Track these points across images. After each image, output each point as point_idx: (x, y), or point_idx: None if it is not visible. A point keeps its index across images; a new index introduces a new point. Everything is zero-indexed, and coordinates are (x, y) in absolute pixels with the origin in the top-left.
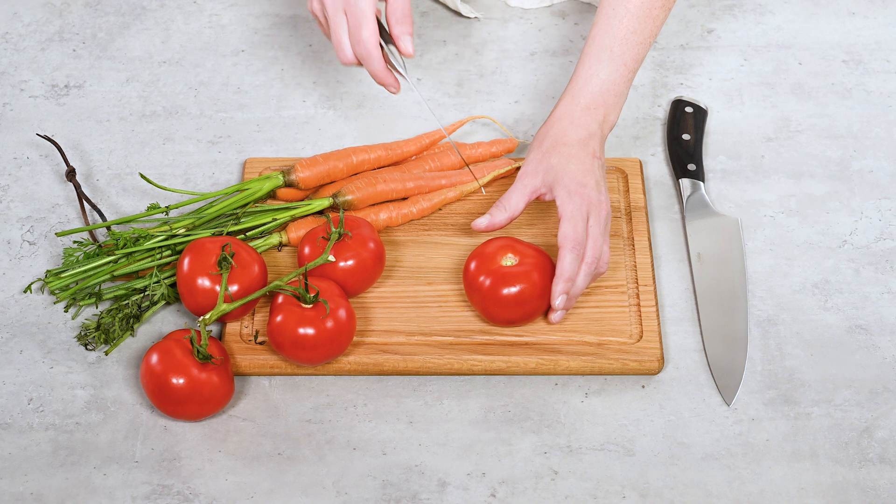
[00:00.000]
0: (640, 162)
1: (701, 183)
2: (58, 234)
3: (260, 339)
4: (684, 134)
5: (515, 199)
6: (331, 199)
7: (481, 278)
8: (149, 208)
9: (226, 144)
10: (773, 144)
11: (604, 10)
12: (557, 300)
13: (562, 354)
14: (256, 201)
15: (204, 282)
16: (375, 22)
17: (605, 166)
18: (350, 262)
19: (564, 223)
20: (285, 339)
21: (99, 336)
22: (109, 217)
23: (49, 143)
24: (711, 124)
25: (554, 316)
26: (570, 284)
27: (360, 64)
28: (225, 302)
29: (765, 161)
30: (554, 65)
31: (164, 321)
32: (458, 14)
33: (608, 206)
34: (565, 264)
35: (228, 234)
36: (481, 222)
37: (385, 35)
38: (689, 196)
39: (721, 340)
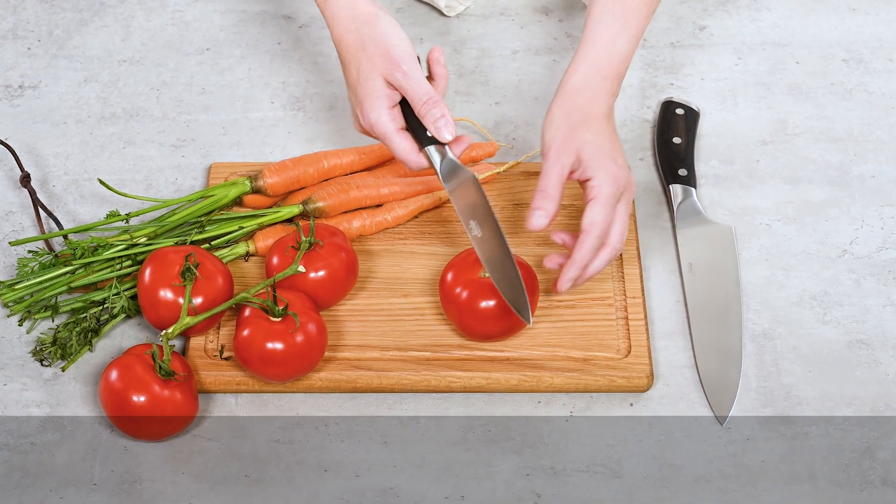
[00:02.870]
0: (629, 167)
1: (692, 189)
2: (11, 244)
3: (226, 354)
4: (675, 137)
5: (555, 182)
6: (301, 207)
7: (458, 290)
8: (108, 216)
9: (189, 148)
10: (769, 148)
11: None
12: (565, 286)
13: (545, 370)
14: (222, 208)
15: (166, 294)
16: (399, 138)
17: None
18: (321, 273)
19: (597, 207)
20: (252, 355)
21: (55, 351)
22: (66, 225)
23: (2, 146)
24: (704, 127)
25: (562, 287)
26: (582, 272)
27: (425, 167)
28: (188, 315)
29: (760, 166)
30: (537, 64)
31: (124, 335)
32: (439, 12)
33: (635, 186)
34: (583, 251)
35: (192, 243)
36: (540, 221)
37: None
38: (679, 203)
39: (714, 356)
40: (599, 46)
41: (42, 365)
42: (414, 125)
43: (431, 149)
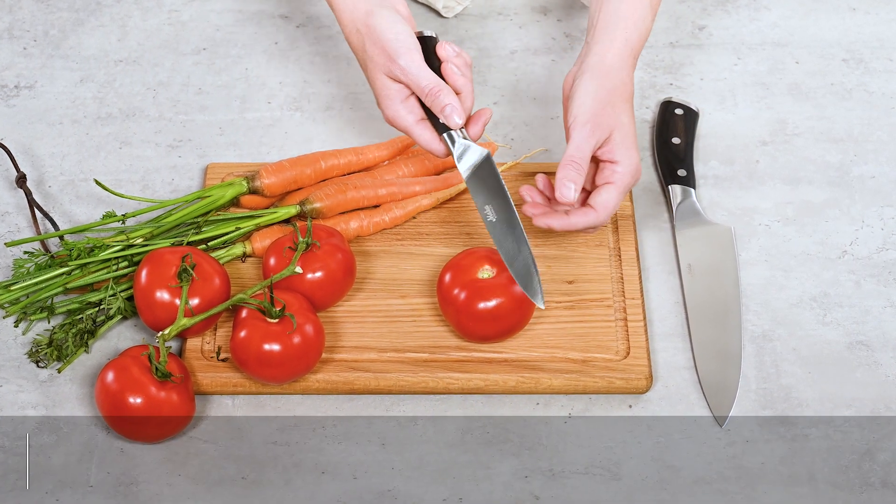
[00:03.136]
0: None
1: (692, 189)
2: (7, 245)
3: (222, 355)
4: (674, 137)
5: (588, 155)
6: (298, 207)
7: (456, 291)
8: (104, 217)
9: (186, 149)
10: (769, 149)
11: None
12: (540, 225)
13: (544, 372)
14: (219, 209)
15: (163, 295)
16: (420, 129)
17: None
18: (318, 274)
19: (614, 192)
20: (249, 356)
21: (51, 352)
22: (62, 226)
23: None
24: (703, 127)
25: (537, 223)
26: (563, 229)
27: (447, 154)
28: (185, 316)
29: (760, 166)
30: (535, 64)
31: (120, 337)
32: (437, 12)
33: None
34: (582, 222)
35: (189, 243)
36: (571, 193)
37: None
38: (679, 203)
39: (713, 357)
40: (631, 23)
41: (38, 366)
42: (430, 113)
43: (448, 134)
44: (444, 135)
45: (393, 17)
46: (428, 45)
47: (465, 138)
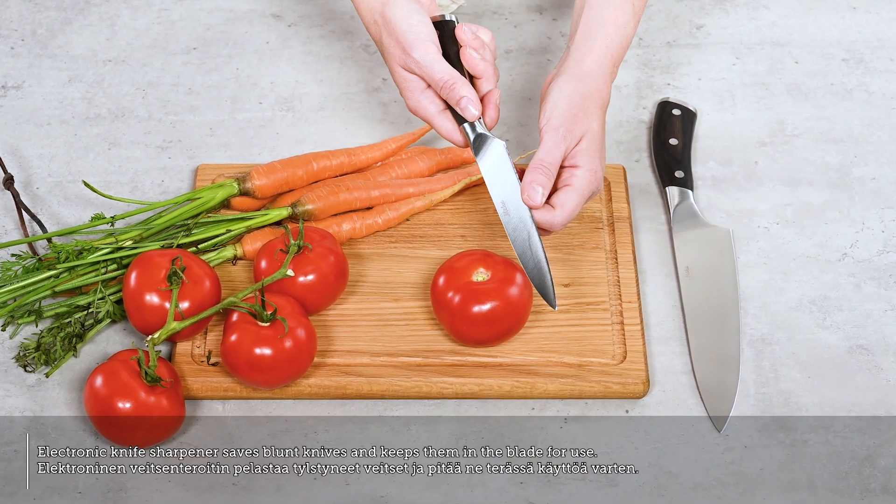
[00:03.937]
0: (624, 169)
1: (689, 191)
2: None
3: (213, 359)
4: (671, 138)
5: (558, 160)
6: (289, 209)
7: (450, 294)
8: (93, 219)
9: (176, 150)
10: (768, 149)
11: None
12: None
13: (539, 376)
14: (209, 211)
15: (152, 298)
16: (441, 119)
17: None
18: (310, 277)
19: (572, 194)
20: (240, 360)
21: (39, 357)
22: (50, 228)
23: None
24: (701, 128)
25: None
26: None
27: (467, 144)
28: (175, 320)
29: (758, 168)
30: (531, 64)
31: (109, 341)
32: None
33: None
34: (535, 217)
35: (179, 246)
36: (537, 198)
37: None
38: (676, 205)
39: (711, 361)
40: (612, 29)
41: (25, 371)
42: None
43: (466, 126)
44: (463, 126)
45: (409, 6)
46: (446, 30)
47: (483, 129)
